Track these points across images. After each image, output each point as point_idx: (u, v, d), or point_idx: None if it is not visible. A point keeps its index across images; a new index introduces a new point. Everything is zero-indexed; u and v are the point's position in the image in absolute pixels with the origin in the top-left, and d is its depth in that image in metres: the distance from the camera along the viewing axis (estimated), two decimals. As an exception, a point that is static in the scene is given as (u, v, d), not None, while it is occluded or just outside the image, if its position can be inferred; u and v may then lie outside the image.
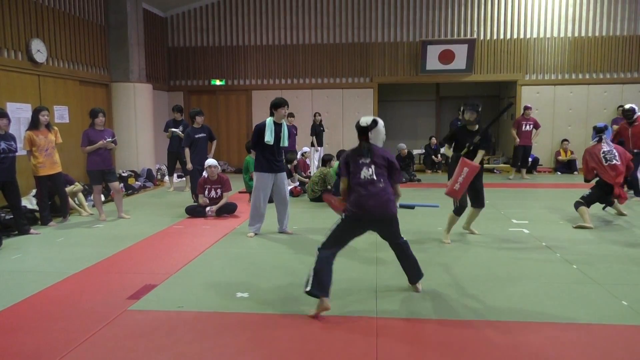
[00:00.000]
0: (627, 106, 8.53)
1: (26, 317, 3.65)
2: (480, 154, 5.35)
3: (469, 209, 5.76)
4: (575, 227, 6.31)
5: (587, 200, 6.54)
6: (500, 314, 3.63)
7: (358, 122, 3.83)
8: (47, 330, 3.41)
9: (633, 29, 12.33)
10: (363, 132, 3.78)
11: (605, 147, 6.51)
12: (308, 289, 3.52)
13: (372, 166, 3.69)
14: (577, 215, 6.69)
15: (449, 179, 5.50)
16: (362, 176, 3.68)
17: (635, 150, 8.15)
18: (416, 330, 3.37)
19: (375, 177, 3.67)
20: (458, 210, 5.58)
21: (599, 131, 6.68)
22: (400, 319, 3.54)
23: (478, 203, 5.67)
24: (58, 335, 3.31)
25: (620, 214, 7.04)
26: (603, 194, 6.52)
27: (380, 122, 3.82)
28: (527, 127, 11.29)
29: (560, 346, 3.12)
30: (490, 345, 3.15)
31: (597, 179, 6.57)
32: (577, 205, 6.57)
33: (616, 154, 6.45)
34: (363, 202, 3.63)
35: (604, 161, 6.43)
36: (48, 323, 3.53)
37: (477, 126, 5.42)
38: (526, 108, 11.45)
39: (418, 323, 3.47)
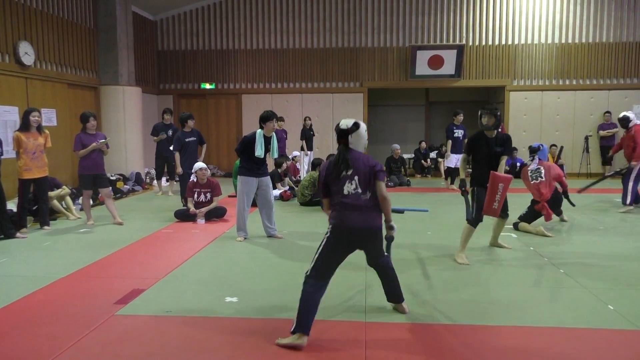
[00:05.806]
0: (620, 115, 7.99)
1: (11, 323, 3.60)
2: (504, 160, 5.09)
3: (491, 221, 5.42)
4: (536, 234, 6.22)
5: (523, 220, 6.49)
6: (488, 318, 3.65)
7: (338, 124, 3.49)
8: (32, 336, 3.37)
9: (619, 35, 12.51)
10: (342, 135, 3.43)
11: (532, 166, 6.56)
12: (292, 328, 3.22)
13: (355, 177, 3.33)
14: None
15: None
16: (345, 191, 3.33)
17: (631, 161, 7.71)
18: (405, 335, 3.37)
19: (360, 190, 3.32)
20: (474, 221, 5.12)
21: (532, 151, 6.69)
22: (390, 323, 3.54)
23: (503, 213, 5.28)
24: (44, 341, 3.28)
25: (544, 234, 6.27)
26: (536, 213, 6.45)
27: (363, 126, 3.46)
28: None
29: (547, 350, 3.14)
30: (478, 349, 3.16)
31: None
32: (515, 226, 6.47)
33: (542, 172, 6.44)
34: (346, 217, 3.31)
35: (530, 180, 6.49)
36: (33, 328, 3.49)
37: (495, 132, 5.15)
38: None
39: (407, 328, 3.48)
